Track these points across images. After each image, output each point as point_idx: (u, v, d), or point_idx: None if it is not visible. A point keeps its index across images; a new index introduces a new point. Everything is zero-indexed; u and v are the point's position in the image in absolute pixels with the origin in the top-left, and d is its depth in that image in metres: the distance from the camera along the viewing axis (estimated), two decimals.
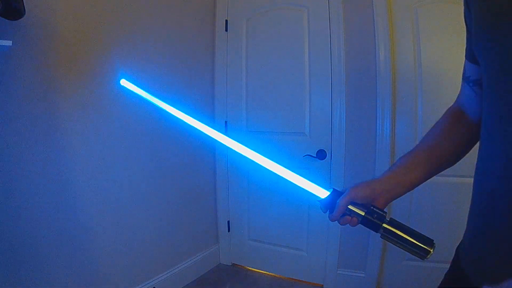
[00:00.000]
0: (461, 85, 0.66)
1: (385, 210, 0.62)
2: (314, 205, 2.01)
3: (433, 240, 0.57)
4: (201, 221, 2.20)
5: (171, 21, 1.88)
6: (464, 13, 0.59)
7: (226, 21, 2.17)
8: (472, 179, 0.54)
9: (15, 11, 1.05)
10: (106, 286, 1.58)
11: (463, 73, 0.64)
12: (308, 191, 0.65)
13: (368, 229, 0.60)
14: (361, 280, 1.92)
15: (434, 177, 0.67)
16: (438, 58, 1.68)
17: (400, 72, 1.75)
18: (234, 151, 0.69)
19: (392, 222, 0.59)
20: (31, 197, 1.29)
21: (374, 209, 0.61)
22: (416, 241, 0.57)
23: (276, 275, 2.18)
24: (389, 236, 0.58)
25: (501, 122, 0.47)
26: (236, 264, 2.33)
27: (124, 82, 0.88)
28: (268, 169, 0.67)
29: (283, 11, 2.01)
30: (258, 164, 0.67)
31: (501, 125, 0.47)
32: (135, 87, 0.86)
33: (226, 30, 2.17)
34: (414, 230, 0.58)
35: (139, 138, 1.70)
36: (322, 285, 2.03)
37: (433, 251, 0.56)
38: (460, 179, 1.56)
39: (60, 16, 1.34)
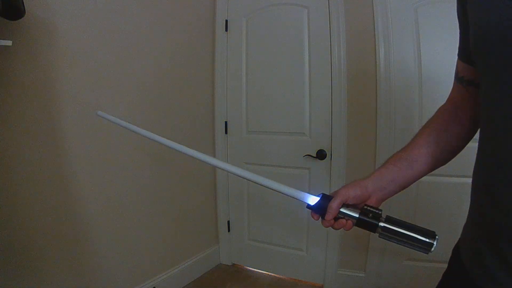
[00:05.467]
0: (454, 84, 0.65)
1: (379, 208, 0.58)
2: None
3: (434, 232, 0.53)
4: (201, 221, 2.20)
5: (171, 20, 1.88)
6: (457, 9, 0.57)
7: (226, 21, 2.17)
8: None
9: (15, 11, 1.05)
10: (106, 286, 1.58)
11: (456, 73, 0.63)
12: (297, 198, 0.62)
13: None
14: (361, 280, 1.92)
15: (435, 177, 0.66)
16: (438, 58, 1.67)
17: (400, 72, 1.75)
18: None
19: (389, 220, 0.55)
20: (31, 196, 1.29)
21: (369, 208, 0.57)
22: (418, 235, 0.53)
23: (276, 275, 2.18)
24: (388, 234, 0.55)
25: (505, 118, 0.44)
26: (236, 264, 2.33)
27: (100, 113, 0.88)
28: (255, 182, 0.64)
29: (283, 10, 2.01)
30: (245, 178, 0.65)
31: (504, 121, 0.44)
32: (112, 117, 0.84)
33: (226, 30, 2.17)
34: (413, 224, 0.55)
35: (141, 139, 1.70)
36: (322, 285, 2.03)
37: (436, 243, 0.52)
38: (461, 179, 1.56)
39: (60, 16, 1.34)
